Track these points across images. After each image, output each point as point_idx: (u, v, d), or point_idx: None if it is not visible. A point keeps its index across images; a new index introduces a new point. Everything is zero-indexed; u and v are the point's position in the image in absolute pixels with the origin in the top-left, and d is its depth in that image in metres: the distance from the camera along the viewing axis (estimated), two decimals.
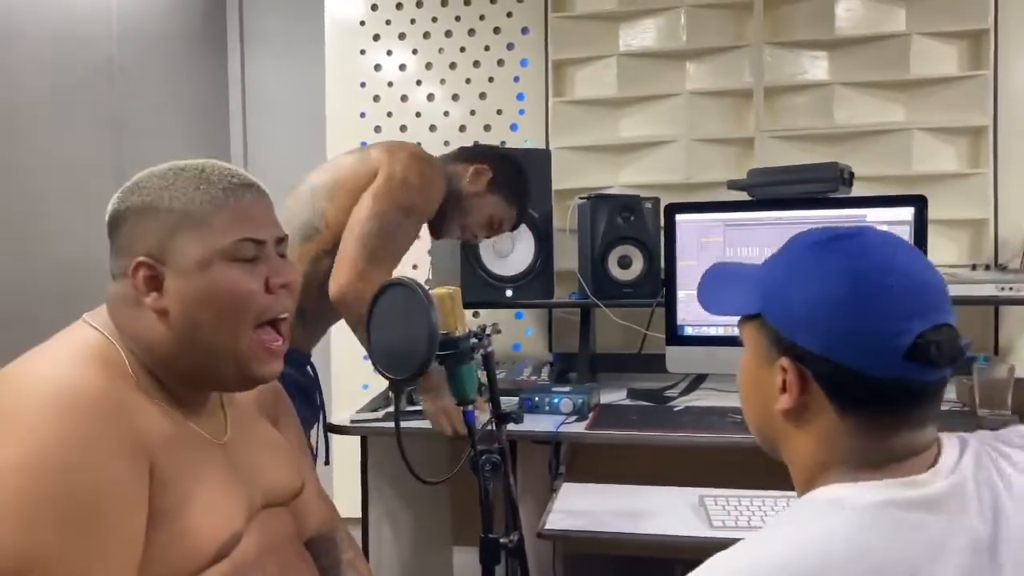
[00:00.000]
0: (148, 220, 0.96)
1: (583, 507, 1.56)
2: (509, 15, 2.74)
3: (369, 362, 2.55)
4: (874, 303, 0.77)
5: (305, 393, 1.95)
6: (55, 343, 0.95)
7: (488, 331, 1.43)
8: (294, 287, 1.05)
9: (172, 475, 0.90)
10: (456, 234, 2.01)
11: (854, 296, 0.77)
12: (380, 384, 2.62)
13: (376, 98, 2.82)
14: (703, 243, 2.04)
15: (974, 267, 2.39)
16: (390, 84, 2.82)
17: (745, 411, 0.91)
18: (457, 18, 2.77)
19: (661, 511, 1.52)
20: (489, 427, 1.43)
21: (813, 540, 0.73)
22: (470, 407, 1.39)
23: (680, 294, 2.04)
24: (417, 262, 2.71)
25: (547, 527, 1.47)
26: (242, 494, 1.00)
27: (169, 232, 0.95)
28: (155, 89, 2.68)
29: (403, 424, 1.89)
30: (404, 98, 2.81)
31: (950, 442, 0.81)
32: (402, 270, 2.68)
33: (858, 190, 2.26)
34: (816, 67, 2.60)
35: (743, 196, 2.31)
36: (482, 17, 2.75)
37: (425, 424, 1.81)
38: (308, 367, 1.99)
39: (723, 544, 0.80)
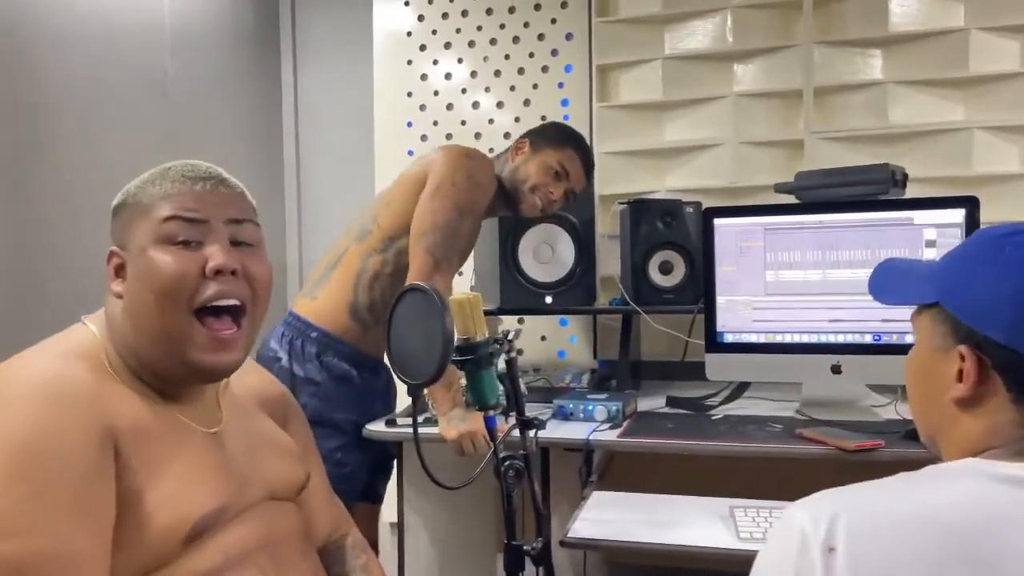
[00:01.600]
0: (119, 215, 1.04)
1: (610, 516, 1.53)
2: (553, 21, 2.74)
3: None
4: None
5: (365, 396, 1.99)
6: (48, 341, 1.02)
7: (510, 336, 1.43)
8: (257, 277, 1.05)
9: (141, 458, 0.93)
10: (533, 204, 2.05)
11: None
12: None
13: (422, 107, 2.85)
14: (743, 247, 1.99)
15: None
16: (436, 93, 2.85)
17: (911, 398, 0.93)
18: (502, 26, 2.78)
19: (688, 521, 1.49)
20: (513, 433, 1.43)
21: (971, 497, 0.73)
22: (491, 412, 1.39)
23: (720, 300, 2.00)
24: (463, 268, 2.73)
25: (570, 535, 1.46)
26: (229, 481, 1.02)
27: (129, 222, 1.02)
28: (208, 102, 2.76)
29: (434, 430, 1.95)
30: (450, 107, 2.83)
31: None
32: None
33: (914, 191, 2.18)
34: (869, 66, 2.52)
35: (791, 199, 2.25)
36: (526, 24, 2.76)
37: None
38: (376, 370, 2.04)
39: (749, 557, 0.80)
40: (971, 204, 1.83)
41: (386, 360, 2.20)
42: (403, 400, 2.55)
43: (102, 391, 0.95)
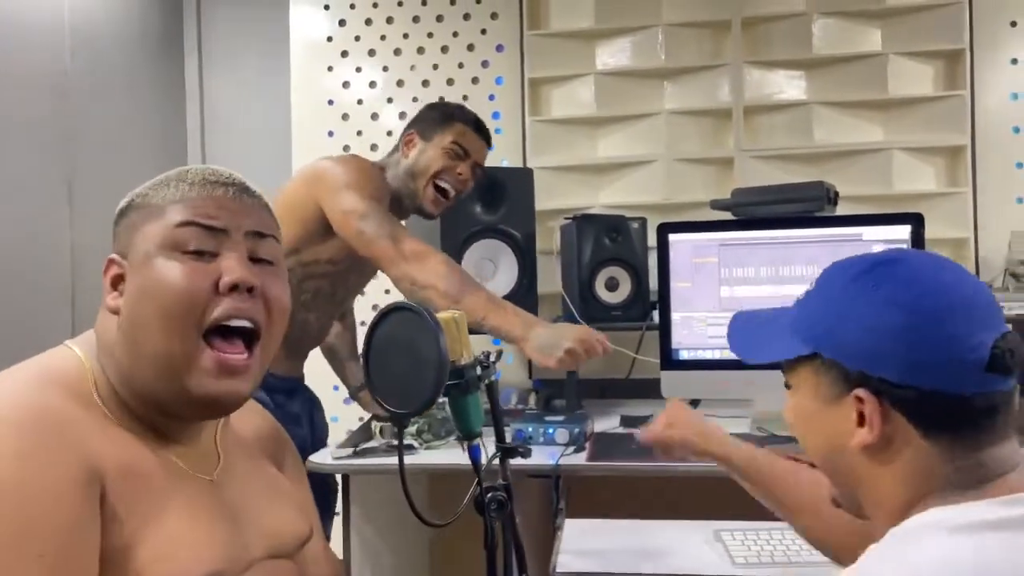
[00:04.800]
0: (123, 219, 0.92)
1: (593, 546, 1.46)
2: (483, 32, 2.66)
3: (340, 392, 2.44)
4: (944, 324, 0.75)
5: (283, 423, 1.84)
6: (21, 366, 0.87)
7: (492, 358, 1.34)
8: (275, 300, 0.92)
9: (130, 507, 0.81)
10: (434, 199, 1.94)
11: (922, 321, 0.76)
12: (350, 416, 2.50)
13: (345, 116, 2.71)
14: (696, 264, 1.97)
15: None
16: (360, 102, 2.71)
17: (815, 458, 0.87)
18: (430, 35, 2.68)
19: (676, 548, 1.43)
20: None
21: (937, 565, 0.68)
22: (476, 441, 1.29)
23: (675, 316, 1.97)
24: (389, 286, 2.60)
25: (559, 569, 1.37)
26: (229, 540, 0.89)
27: (134, 227, 0.90)
28: (110, 104, 2.53)
29: (386, 461, 1.82)
30: (375, 116, 2.70)
31: None
32: (379, 297, 2.59)
33: (840, 209, 2.24)
34: (794, 86, 2.59)
35: (726, 216, 2.26)
36: (455, 34, 2.68)
37: (419, 460, 1.72)
38: (292, 393, 1.91)
39: None
40: (916, 220, 1.88)
41: (304, 380, 2.07)
42: (339, 424, 2.41)
43: (87, 426, 0.82)
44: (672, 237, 1.97)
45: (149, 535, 0.81)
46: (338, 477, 1.97)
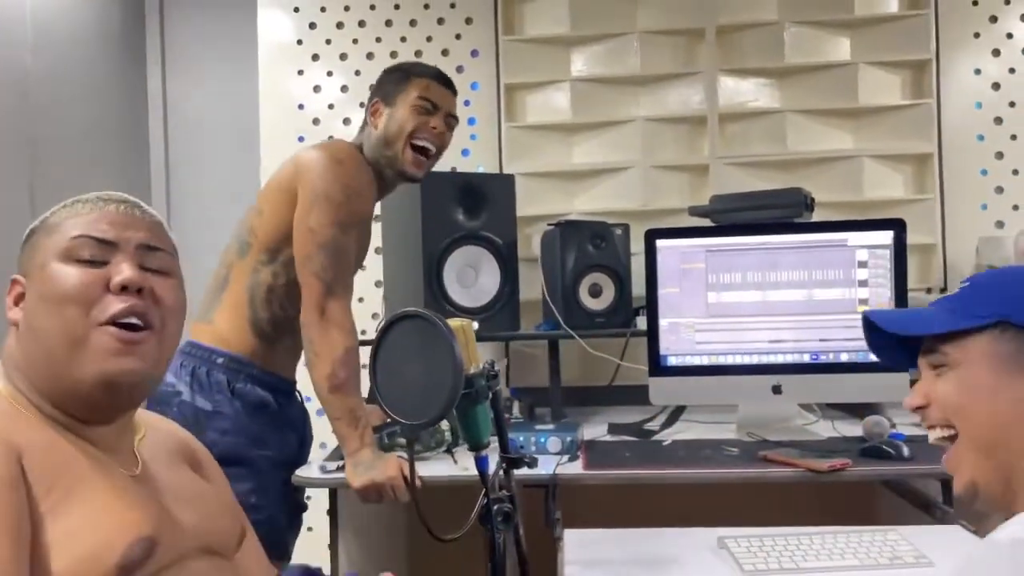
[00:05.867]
0: (27, 244, 0.98)
1: (598, 556, 1.43)
2: (458, 37, 2.64)
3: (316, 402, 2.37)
4: None
5: (282, 427, 1.78)
6: None
7: (496, 368, 1.31)
8: (165, 300, 0.97)
9: (50, 480, 0.85)
10: (415, 160, 1.83)
11: None
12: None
13: (316, 121, 2.65)
14: (684, 269, 1.97)
15: (928, 290, 2.43)
16: (331, 107, 2.66)
17: (981, 437, 0.85)
18: (403, 39, 2.64)
19: (682, 556, 1.41)
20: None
21: None
22: (483, 452, 1.26)
23: (663, 323, 1.97)
24: (363, 294, 2.55)
25: None
26: (160, 516, 0.92)
27: (34, 247, 0.96)
28: (71, 106, 2.43)
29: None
30: (347, 121, 2.65)
31: None
32: (378, 305, 2.53)
33: (814, 216, 2.27)
34: (767, 95, 2.62)
35: (705, 222, 2.28)
36: (429, 39, 2.64)
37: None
38: (291, 395, 1.86)
39: None
40: (899, 226, 1.91)
41: (299, 385, 2.01)
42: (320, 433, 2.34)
43: (6, 420, 0.88)
44: (660, 243, 1.97)
45: (74, 506, 0.83)
46: (316, 492, 1.92)
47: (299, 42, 2.66)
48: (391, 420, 1.18)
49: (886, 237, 1.91)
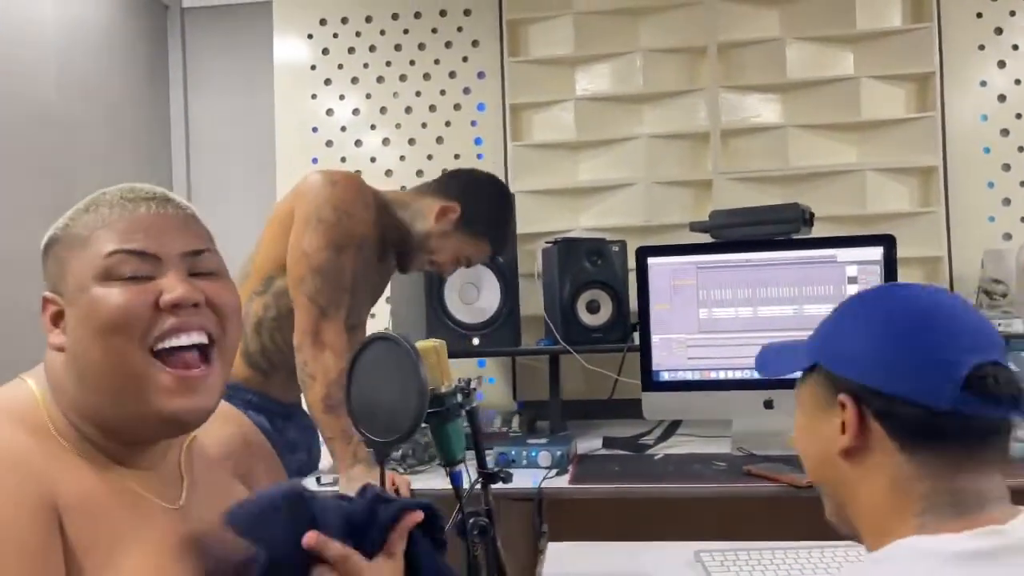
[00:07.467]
0: (50, 253, 0.90)
1: (575, 570, 1.48)
2: (465, 59, 2.71)
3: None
4: (927, 335, 0.79)
5: (280, 450, 1.85)
6: None
7: (473, 385, 1.36)
8: (223, 305, 0.90)
9: (89, 540, 0.80)
10: (424, 268, 1.98)
11: (907, 329, 0.79)
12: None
13: (329, 143, 2.74)
14: (675, 286, 2.01)
15: None
16: (343, 129, 2.75)
17: (807, 466, 0.91)
18: (412, 62, 2.72)
19: (655, 571, 1.45)
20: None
21: None
22: (457, 468, 1.31)
23: (655, 339, 2.00)
24: (375, 310, 2.62)
25: None
26: (194, 572, 0.87)
27: (63, 262, 0.88)
28: (95, 134, 2.55)
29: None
30: (359, 143, 2.74)
31: None
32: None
33: (816, 230, 2.28)
34: (770, 110, 2.64)
35: (705, 238, 2.30)
36: (437, 61, 2.72)
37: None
38: (289, 416, 1.91)
39: None
40: (888, 242, 1.92)
41: (303, 405, 2.08)
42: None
43: (43, 459, 0.81)
44: (651, 260, 2.00)
45: (117, 566, 0.79)
46: None
47: (312, 67, 2.76)
48: (363, 439, 1.25)
49: (876, 253, 1.93)
